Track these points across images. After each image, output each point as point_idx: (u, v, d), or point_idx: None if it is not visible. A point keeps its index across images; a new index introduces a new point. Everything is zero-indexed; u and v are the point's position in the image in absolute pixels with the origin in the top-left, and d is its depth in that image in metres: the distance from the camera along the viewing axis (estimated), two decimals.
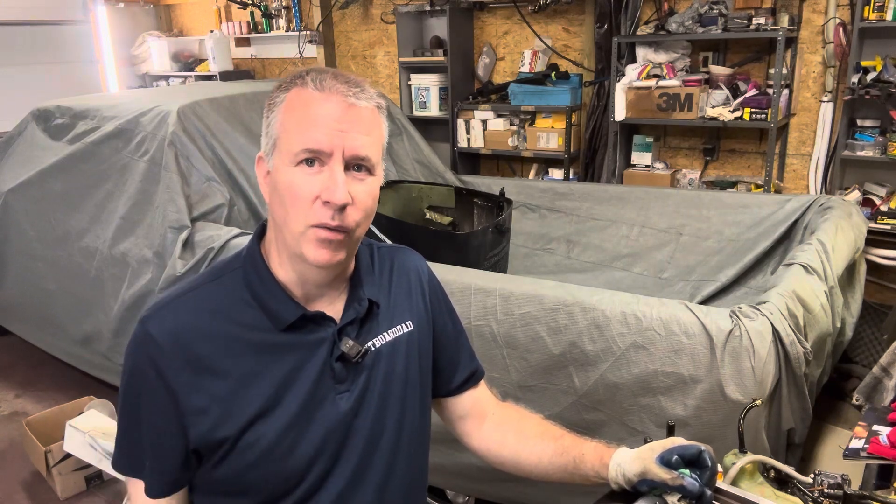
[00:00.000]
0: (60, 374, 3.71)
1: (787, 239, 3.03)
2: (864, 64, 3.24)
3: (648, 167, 3.99)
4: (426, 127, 4.58)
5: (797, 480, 1.12)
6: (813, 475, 1.13)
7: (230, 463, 1.01)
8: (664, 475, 0.97)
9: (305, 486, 1.05)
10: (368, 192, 1.00)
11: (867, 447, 1.34)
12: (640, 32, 3.79)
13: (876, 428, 1.41)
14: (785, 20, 3.41)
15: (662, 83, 3.63)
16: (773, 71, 3.47)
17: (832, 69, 3.45)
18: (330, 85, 0.97)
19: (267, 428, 1.01)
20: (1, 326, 3.89)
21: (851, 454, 1.35)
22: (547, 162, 4.46)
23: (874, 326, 3.15)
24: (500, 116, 4.42)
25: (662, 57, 3.71)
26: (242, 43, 6.02)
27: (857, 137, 3.30)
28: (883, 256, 3.21)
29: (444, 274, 1.99)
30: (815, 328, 2.09)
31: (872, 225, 3.18)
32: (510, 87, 4.28)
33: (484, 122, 4.45)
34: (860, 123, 3.33)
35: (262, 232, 1.10)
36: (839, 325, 2.43)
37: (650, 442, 1.05)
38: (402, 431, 1.13)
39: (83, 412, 2.84)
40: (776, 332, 1.84)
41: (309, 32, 5.37)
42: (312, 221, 0.96)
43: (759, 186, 3.67)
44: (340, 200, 0.95)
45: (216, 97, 3.29)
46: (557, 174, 4.36)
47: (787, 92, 3.50)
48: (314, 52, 5.44)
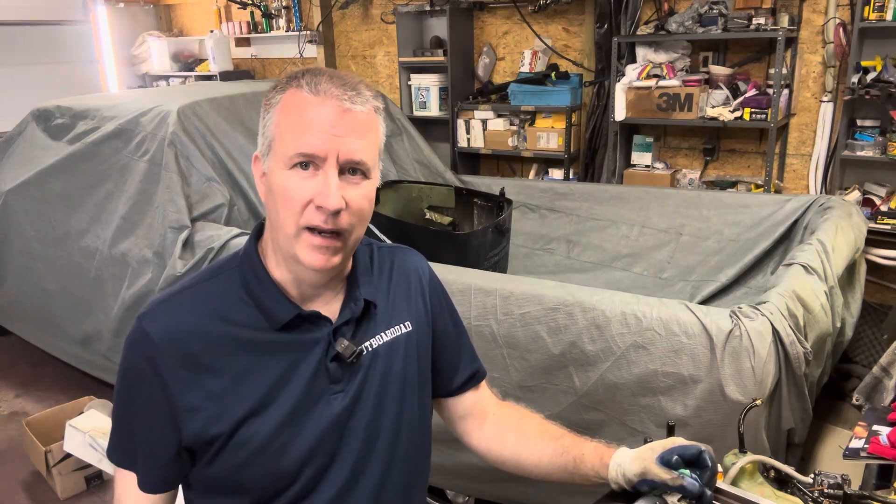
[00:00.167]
0: (60, 374, 3.71)
1: (787, 239, 3.03)
2: (864, 64, 3.24)
3: (648, 167, 3.98)
4: (426, 127, 4.58)
5: (797, 480, 1.12)
6: (813, 475, 1.13)
7: (223, 461, 1.02)
8: (664, 475, 0.97)
9: (300, 485, 1.05)
10: (363, 195, 1.00)
11: (867, 447, 1.34)
12: (640, 32, 3.79)
13: (876, 428, 1.41)
14: (785, 20, 3.41)
15: (662, 83, 3.63)
16: (773, 71, 3.47)
17: (832, 69, 3.45)
18: (325, 88, 0.97)
19: (260, 426, 1.02)
20: (1, 326, 3.90)
21: (851, 454, 1.35)
22: (547, 162, 4.46)
23: (874, 326, 3.15)
24: (500, 116, 4.42)
25: (662, 57, 3.71)
26: (242, 43, 6.02)
27: (857, 137, 3.30)
28: (883, 256, 3.21)
29: (444, 274, 1.98)
30: (815, 328, 2.09)
31: (872, 225, 3.18)
32: (510, 87, 4.28)
33: (484, 122, 4.45)
34: (860, 123, 3.33)
35: (259, 231, 1.10)
36: (839, 325, 2.43)
37: (650, 442, 1.05)
38: (399, 432, 1.12)
39: (83, 412, 2.85)
40: (776, 332, 1.84)
41: (309, 32, 5.37)
42: (305, 224, 0.97)
43: (759, 186, 3.67)
44: (333, 206, 0.95)
45: (216, 97, 3.29)
46: (557, 174, 4.36)
47: (787, 92, 3.50)
48: (314, 52, 5.44)
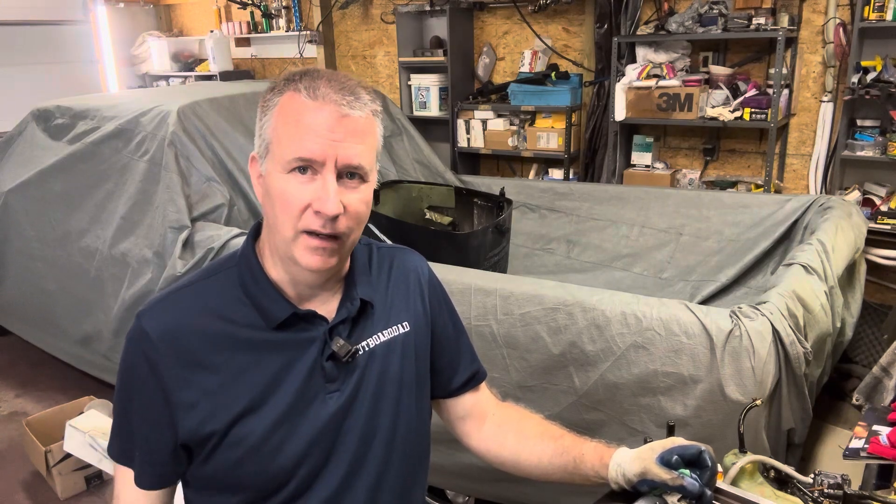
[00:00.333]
0: (60, 374, 3.71)
1: (787, 239, 3.03)
2: (864, 64, 3.24)
3: (648, 167, 3.98)
4: (426, 127, 4.58)
5: (797, 480, 1.12)
6: (813, 475, 1.13)
7: (219, 458, 1.02)
8: (664, 475, 0.97)
9: (295, 483, 1.05)
10: (361, 199, 1.00)
11: (867, 447, 1.34)
12: (640, 32, 3.79)
13: (876, 428, 1.41)
14: (785, 20, 3.41)
15: (662, 83, 3.63)
16: (773, 71, 3.47)
17: (832, 69, 3.45)
18: (324, 93, 0.96)
19: (255, 424, 1.02)
20: (1, 326, 3.90)
21: (851, 454, 1.35)
22: (547, 162, 4.46)
23: (874, 326, 3.15)
24: (500, 116, 4.42)
25: (662, 57, 3.71)
26: (242, 43, 6.02)
27: (857, 137, 3.30)
28: (883, 256, 3.21)
29: (444, 274, 1.99)
30: (815, 328, 2.09)
31: (872, 225, 3.18)
32: (510, 87, 4.28)
33: (484, 122, 4.45)
34: (860, 123, 3.33)
35: (256, 231, 1.11)
36: (839, 325, 2.43)
37: (650, 442, 1.05)
38: (396, 433, 1.12)
39: (83, 412, 2.85)
40: (776, 332, 1.84)
41: (309, 32, 5.37)
42: (303, 227, 0.97)
43: (759, 186, 3.67)
44: (331, 212, 0.95)
45: (216, 97, 3.29)
46: (557, 174, 4.36)
47: (787, 92, 3.50)
48: (314, 52, 5.44)
